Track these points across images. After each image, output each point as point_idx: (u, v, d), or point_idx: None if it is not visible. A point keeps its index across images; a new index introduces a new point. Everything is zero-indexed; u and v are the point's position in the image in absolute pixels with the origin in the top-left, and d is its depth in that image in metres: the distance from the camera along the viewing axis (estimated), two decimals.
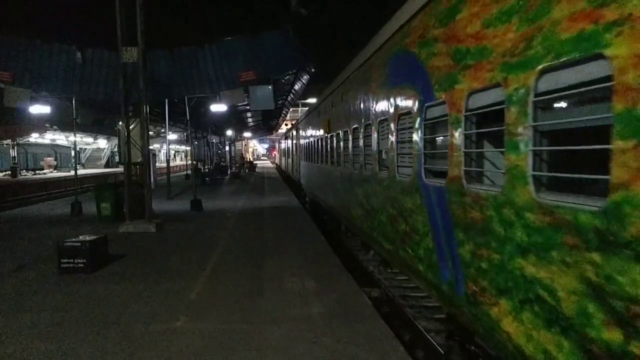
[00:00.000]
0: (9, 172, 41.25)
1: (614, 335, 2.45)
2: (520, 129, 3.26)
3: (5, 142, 43.52)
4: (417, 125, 5.42)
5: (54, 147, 53.84)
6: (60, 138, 48.13)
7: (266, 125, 55.70)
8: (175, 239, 12.42)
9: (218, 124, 39.80)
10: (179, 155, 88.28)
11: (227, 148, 54.54)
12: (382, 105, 6.99)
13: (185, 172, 48.39)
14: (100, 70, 18.09)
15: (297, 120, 27.21)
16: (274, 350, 5.34)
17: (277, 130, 66.31)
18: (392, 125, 6.45)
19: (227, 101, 19.51)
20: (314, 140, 16.55)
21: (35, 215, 17.96)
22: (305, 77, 27.31)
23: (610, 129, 2.47)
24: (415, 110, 5.46)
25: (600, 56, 2.54)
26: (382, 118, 6.99)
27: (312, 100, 31.07)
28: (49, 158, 53.46)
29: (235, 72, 18.22)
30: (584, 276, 2.65)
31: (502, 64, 3.50)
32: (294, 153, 26.62)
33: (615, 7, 2.40)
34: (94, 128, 44.74)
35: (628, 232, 2.35)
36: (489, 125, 3.83)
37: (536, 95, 3.13)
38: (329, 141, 12.76)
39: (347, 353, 5.26)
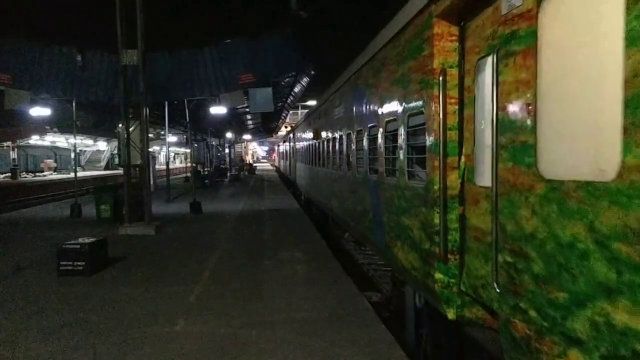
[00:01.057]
0: (9, 174, 41.23)
1: (426, 245, 4.80)
2: (402, 145, 5.70)
3: (5, 144, 43.55)
4: (365, 139, 7.91)
5: (53, 149, 53.86)
6: (60, 140, 48.10)
7: (266, 127, 55.74)
8: (175, 242, 12.41)
9: (218, 127, 39.80)
10: (179, 158, 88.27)
11: (226, 150, 54.54)
12: (348, 123, 9.58)
13: (185, 175, 48.32)
14: (100, 73, 18.12)
15: (292, 128, 31.81)
16: (273, 354, 5.32)
17: (277, 133, 66.33)
18: (353, 137, 8.98)
19: (227, 103, 19.51)
20: (305, 146, 19.53)
21: (35, 217, 17.95)
22: (304, 79, 27.34)
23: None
24: (365, 128, 7.93)
25: (422, 112, 4.95)
26: (348, 132, 9.58)
27: (312, 103, 31.11)
28: (48, 160, 53.45)
29: (235, 75, 18.24)
30: (420, 219, 5.01)
31: (398, 108, 5.88)
32: (290, 156, 30.54)
33: (425, 91, 4.81)
34: (94, 130, 44.68)
35: (429, 196, 4.69)
36: (394, 142, 6.20)
37: (407, 127, 5.56)
38: (316, 147, 15.48)
39: (346, 357, 5.25)
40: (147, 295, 7.60)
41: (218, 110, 21.39)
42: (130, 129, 14.58)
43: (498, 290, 3.47)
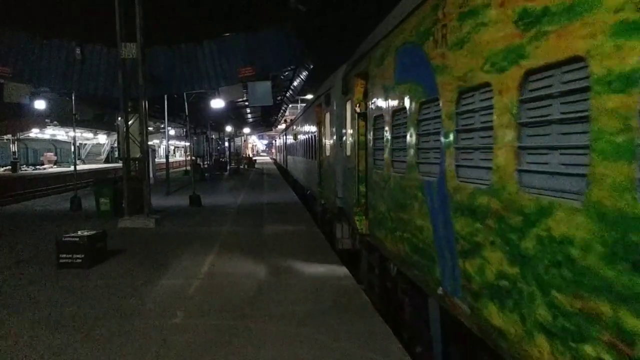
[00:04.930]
0: (10, 167, 41.26)
1: (316, 180, 14.35)
2: (313, 145, 15.21)
3: (5, 137, 43.53)
4: (307, 141, 17.06)
5: (54, 143, 53.85)
6: (60, 133, 48.06)
7: (266, 121, 55.62)
8: (174, 235, 12.47)
9: (217, 120, 39.75)
10: (179, 151, 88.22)
11: (226, 144, 54.47)
12: (309, 130, 16.34)
13: (184, 168, 48.28)
14: (100, 66, 18.06)
15: (284, 129, 45.39)
16: (272, 346, 5.39)
17: (277, 126, 66.26)
18: (311, 138, 15.90)
19: (226, 97, 19.51)
20: (291, 142, 28.90)
21: (34, 210, 18.02)
22: (304, 73, 27.27)
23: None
24: (307, 137, 17.21)
25: (316, 135, 14.28)
26: (307, 136, 16.75)
27: (311, 96, 31.15)
28: (49, 153, 53.46)
29: (234, 68, 18.20)
30: (316, 172, 14.31)
31: (312, 131, 15.87)
32: (284, 149, 41.55)
33: (316, 129, 14.45)
34: (94, 123, 44.64)
35: (317, 163, 14.06)
36: (312, 143, 15.88)
37: (314, 139, 15.04)
38: (294, 144, 25.42)
39: (342, 348, 5.32)
40: (145, 288, 7.67)
41: (217, 103, 21.40)
42: (130, 122, 14.60)
43: (322, 187, 13.10)
